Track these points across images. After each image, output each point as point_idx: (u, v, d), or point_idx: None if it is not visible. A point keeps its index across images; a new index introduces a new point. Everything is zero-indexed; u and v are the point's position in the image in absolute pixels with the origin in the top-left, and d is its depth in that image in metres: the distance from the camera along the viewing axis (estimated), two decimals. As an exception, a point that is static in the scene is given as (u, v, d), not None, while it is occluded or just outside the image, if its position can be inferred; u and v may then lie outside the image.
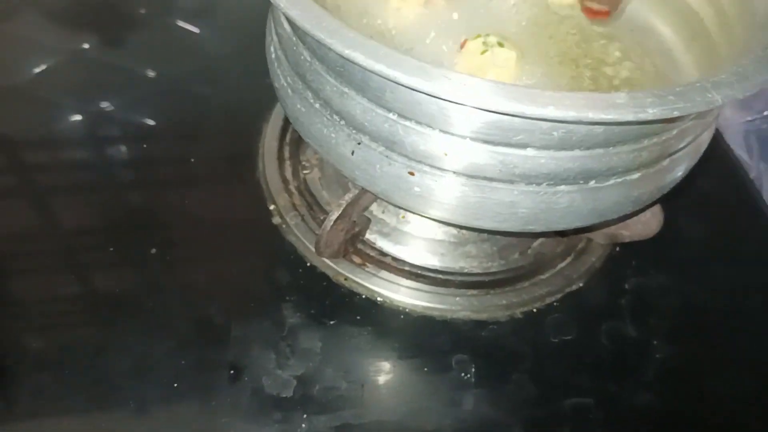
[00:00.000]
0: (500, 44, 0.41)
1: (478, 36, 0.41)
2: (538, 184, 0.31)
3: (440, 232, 0.45)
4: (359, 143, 0.33)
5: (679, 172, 0.35)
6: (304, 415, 0.37)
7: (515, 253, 0.45)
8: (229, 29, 0.60)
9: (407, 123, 0.31)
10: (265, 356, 0.39)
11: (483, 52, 0.41)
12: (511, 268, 0.45)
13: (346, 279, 0.42)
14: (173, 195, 0.47)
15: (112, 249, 0.43)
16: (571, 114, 0.25)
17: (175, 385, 0.37)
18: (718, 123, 0.62)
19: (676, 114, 0.26)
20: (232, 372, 0.38)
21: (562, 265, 0.45)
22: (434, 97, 0.26)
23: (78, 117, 0.52)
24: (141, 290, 0.42)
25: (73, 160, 0.49)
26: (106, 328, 0.40)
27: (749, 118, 0.59)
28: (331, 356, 0.39)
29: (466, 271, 0.44)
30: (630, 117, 0.25)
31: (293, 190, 0.47)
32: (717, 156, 0.54)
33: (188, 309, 0.41)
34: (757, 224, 0.51)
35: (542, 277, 0.44)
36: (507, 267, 0.45)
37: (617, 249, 0.46)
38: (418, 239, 0.45)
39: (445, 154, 0.31)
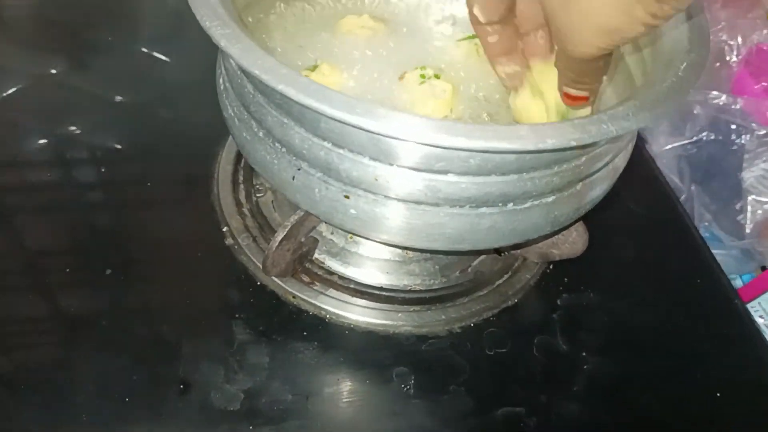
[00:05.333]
0: (437, 76, 0.44)
1: (416, 68, 0.44)
2: (461, 207, 0.34)
3: (386, 252, 0.48)
4: (299, 169, 0.35)
5: (595, 195, 0.38)
6: (250, 427, 0.39)
7: (456, 272, 0.48)
8: (194, 57, 0.62)
9: (341, 151, 0.33)
10: (214, 371, 0.41)
11: (421, 83, 0.44)
12: (452, 285, 0.47)
13: (294, 297, 0.44)
14: (132, 216, 0.50)
15: (68, 270, 0.45)
16: (480, 144, 0.28)
17: (127, 399, 0.39)
18: (651, 149, 0.67)
19: (573, 144, 0.29)
20: (182, 387, 0.40)
21: (500, 282, 0.48)
22: (358, 128, 0.29)
23: (45, 140, 0.54)
24: (97, 310, 0.43)
25: (38, 182, 0.51)
26: (62, 346, 0.42)
27: (681, 143, 0.63)
28: (278, 371, 0.41)
29: (409, 288, 0.47)
30: (531, 147, 0.28)
31: (246, 212, 0.49)
32: (649, 180, 0.58)
33: (142, 327, 0.43)
34: (685, 243, 0.54)
35: (480, 293, 0.47)
36: (448, 284, 0.47)
37: (551, 267, 0.49)
38: (366, 259, 0.48)
39: (376, 179, 0.33)
